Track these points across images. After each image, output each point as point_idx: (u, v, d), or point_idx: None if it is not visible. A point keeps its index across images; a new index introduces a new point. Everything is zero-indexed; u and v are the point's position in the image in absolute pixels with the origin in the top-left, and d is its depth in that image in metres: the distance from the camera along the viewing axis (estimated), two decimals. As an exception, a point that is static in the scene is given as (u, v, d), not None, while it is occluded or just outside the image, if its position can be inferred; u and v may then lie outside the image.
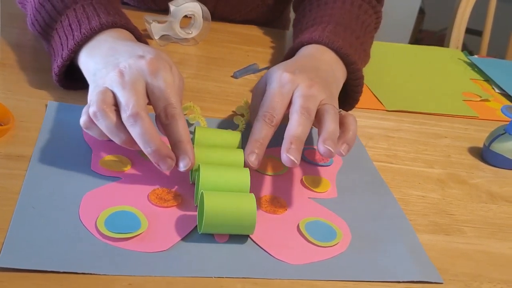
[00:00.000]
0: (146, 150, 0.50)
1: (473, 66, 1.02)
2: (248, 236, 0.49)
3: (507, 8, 2.20)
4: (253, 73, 0.82)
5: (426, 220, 0.56)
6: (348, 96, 0.72)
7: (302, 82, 0.59)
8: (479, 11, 1.64)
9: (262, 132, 0.55)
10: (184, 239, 0.47)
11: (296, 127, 0.54)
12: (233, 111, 0.70)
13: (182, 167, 0.51)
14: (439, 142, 0.73)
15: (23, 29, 0.80)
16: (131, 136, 0.51)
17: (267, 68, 0.84)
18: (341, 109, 0.60)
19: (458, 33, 1.57)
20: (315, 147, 0.64)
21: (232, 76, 0.80)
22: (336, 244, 0.50)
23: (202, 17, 0.86)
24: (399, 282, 0.47)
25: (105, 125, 0.51)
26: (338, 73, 0.68)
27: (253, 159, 0.53)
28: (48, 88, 0.66)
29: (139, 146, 0.51)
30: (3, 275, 0.41)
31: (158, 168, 0.51)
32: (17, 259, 0.42)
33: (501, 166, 0.69)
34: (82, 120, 0.53)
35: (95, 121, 0.52)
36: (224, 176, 0.51)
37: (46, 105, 0.62)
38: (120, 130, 0.51)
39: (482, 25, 1.64)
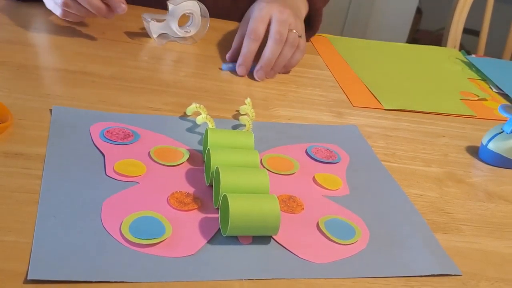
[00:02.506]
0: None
1: (470, 65, 1.02)
2: (271, 236, 0.49)
3: (504, 8, 2.20)
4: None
5: (424, 219, 0.56)
6: (309, 28, 0.92)
7: (277, 8, 0.79)
8: (476, 11, 1.65)
9: (249, 47, 0.78)
10: (209, 242, 0.47)
11: (268, 53, 0.78)
12: (236, 111, 0.70)
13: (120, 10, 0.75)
14: (437, 141, 0.73)
15: (20, 26, 0.80)
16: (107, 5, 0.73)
17: None
18: (301, 35, 0.81)
19: (455, 33, 1.57)
20: (323, 145, 0.65)
21: (220, 68, 0.81)
22: (356, 242, 0.51)
23: (201, 16, 0.86)
24: (421, 276, 0.48)
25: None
26: (301, 7, 0.88)
27: (241, 70, 0.79)
28: (46, 86, 0.66)
29: (113, 14, 0.76)
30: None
31: (115, 12, 0.71)
32: (47, 271, 0.41)
33: (498, 165, 0.69)
34: (58, 12, 0.74)
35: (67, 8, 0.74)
36: (243, 178, 0.51)
37: (51, 110, 0.61)
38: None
39: (480, 25, 1.64)
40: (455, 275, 0.49)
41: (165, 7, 0.99)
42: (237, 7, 1.03)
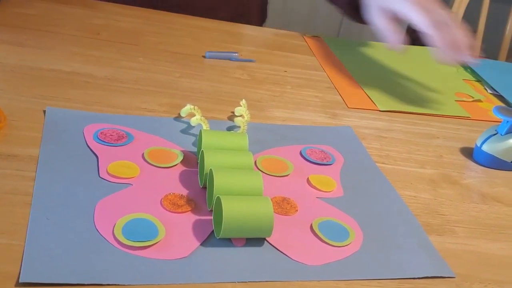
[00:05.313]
0: None
1: (465, 66, 1.03)
2: (264, 238, 0.49)
3: (500, 8, 2.21)
4: (229, 59, 0.84)
5: (418, 220, 0.56)
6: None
7: None
8: (472, 12, 1.65)
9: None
10: (202, 244, 0.47)
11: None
12: (231, 112, 0.70)
13: None
14: (431, 143, 0.73)
15: (15, 27, 0.80)
16: None
17: (251, 60, 0.85)
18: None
19: (451, 34, 1.57)
20: (317, 146, 0.65)
21: (203, 56, 0.81)
22: (350, 244, 0.51)
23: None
24: (414, 278, 0.48)
25: None
26: None
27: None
28: (40, 87, 0.66)
29: None
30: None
31: None
32: (39, 273, 0.41)
33: (492, 167, 0.69)
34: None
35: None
36: (237, 179, 0.51)
37: (44, 111, 0.61)
38: None
39: (475, 26, 1.64)
40: (448, 277, 0.49)
41: (163, 8, 0.99)
42: (226, 5, 1.03)
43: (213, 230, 0.49)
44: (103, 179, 0.52)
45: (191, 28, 0.95)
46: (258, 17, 1.15)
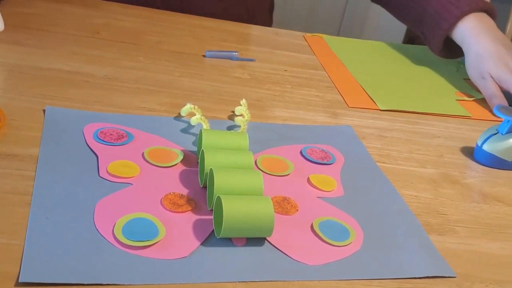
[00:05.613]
0: None
1: (466, 66, 1.02)
2: (264, 238, 0.49)
3: (501, 7, 2.21)
4: (229, 59, 0.84)
5: (418, 220, 0.56)
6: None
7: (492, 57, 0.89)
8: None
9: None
10: (202, 244, 0.47)
11: None
12: (231, 112, 0.70)
13: None
14: (432, 142, 0.73)
15: (15, 26, 0.80)
16: None
17: (251, 60, 0.85)
18: None
19: (451, 33, 1.56)
20: (318, 145, 0.65)
21: (203, 55, 0.81)
22: (350, 243, 0.50)
23: None
24: (415, 278, 0.48)
25: None
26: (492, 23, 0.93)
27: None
28: (40, 86, 0.66)
29: None
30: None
31: None
32: (38, 273, 0.41)
33: (493, 166, 0.69)
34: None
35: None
36: (237, 179, 0.50)
37: (44, 110, 0.61)
38: None
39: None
40: (449, 276, 0.49)
41: (162, 7, 0.99)
42: (228, 12, 1.03)
43: (213, 230, 0.49)
44: (103, 178, 0.52)
45: (191, 27, 0.95)
46: (264, 23, 1.15)
